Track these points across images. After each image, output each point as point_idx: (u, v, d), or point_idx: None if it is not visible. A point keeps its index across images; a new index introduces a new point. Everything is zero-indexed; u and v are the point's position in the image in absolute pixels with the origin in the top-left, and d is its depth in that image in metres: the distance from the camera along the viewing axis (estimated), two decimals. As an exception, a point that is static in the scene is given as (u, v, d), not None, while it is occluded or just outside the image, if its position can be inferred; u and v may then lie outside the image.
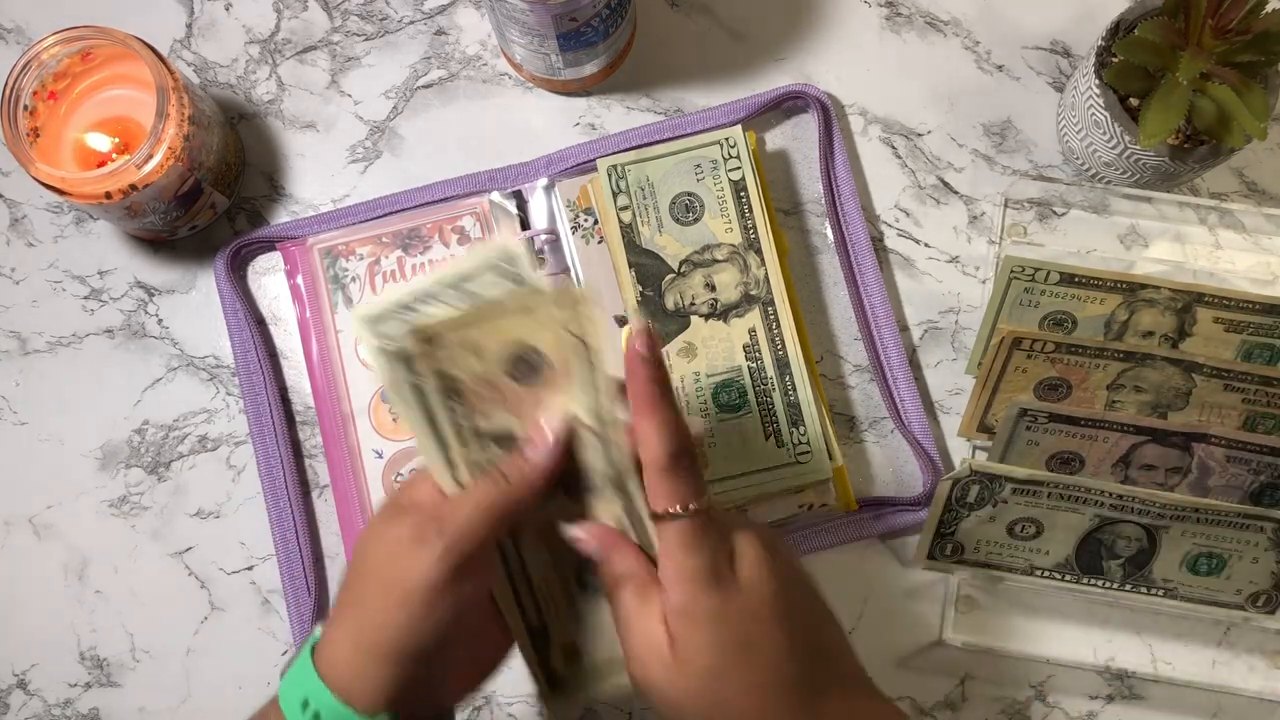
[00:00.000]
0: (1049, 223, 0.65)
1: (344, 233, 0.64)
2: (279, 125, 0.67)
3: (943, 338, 0.65)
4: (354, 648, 0.44)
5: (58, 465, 0.64)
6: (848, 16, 0.68)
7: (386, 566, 0.43)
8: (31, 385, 0.65)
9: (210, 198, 0.63)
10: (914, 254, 0.66)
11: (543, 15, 0.57)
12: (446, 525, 0.43)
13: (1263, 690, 0.61)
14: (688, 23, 0.68)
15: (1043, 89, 0.67)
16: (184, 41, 0.68)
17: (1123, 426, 0.58)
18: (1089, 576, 0.60)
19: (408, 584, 0.42)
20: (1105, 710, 0.62)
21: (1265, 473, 0.59)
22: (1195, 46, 0.56)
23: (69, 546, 0.63)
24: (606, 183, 0.60)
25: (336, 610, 0.45)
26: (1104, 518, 0.58)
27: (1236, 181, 0.66)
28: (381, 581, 0.43)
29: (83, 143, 0.61)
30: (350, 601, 0.45)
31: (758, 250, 0.59)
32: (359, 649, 0.43)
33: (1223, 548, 0.58)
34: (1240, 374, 0.59)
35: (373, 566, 0.44)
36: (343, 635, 0.44)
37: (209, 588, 0.63)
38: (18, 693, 0.62)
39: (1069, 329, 0.62)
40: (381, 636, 0.43)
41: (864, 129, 0.67)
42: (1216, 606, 0.60)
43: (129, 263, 0.66)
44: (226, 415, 0.64)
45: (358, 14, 0.68)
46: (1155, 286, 0.60)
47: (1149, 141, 0.56)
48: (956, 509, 0.59)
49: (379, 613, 0.43)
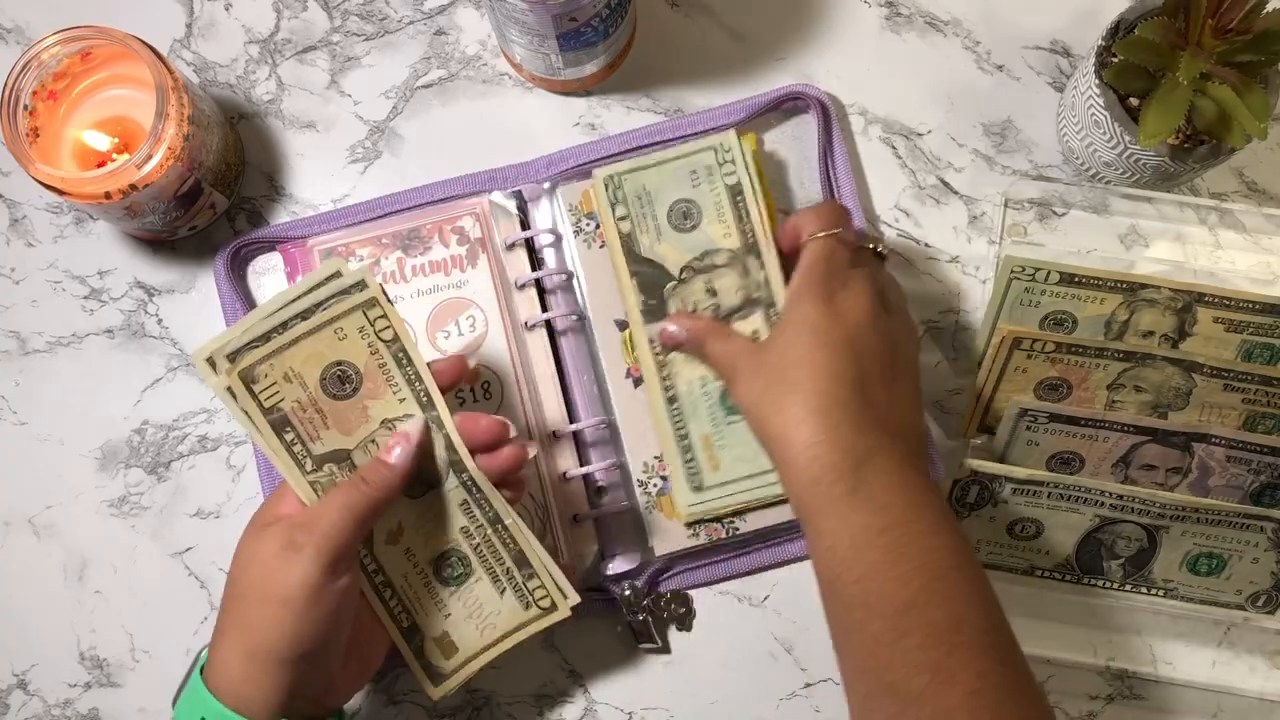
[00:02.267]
0: (1049, 223, 0.65)
1: (344, 234, 0.63)
2: (279, 125, 0.67)
3: (943, 338, 0.65)
4: (244, 659, 0.47)
5: (58, 465, 0.64)
6: (848, 16, 0.68)
7: (264, 578, 0.47)
8: (31, 385, 0.65)
9: (210, 198, 0.63)
10: (914, 254, 0.66)
11: (543, 15, 0.57)
12: (315, 529, 0.47)
13: (1263, 690, 0.61)
14: (688, 23, 0.68)
15: (1043, 89, 0.67)
16: (184, 41, 0.68)
17: (1123, 426, 0.58)
18: (1089, 576, 0.60)
19: (287, 589, 0.46)
20: (1105, 710, 0.62)
21: (1265, 473, 0.59)
22: (1195, 46, 0.56)
23: (69, 546, 0.63)
24: (604, 192, 0.60)
25: (220, 630, 0.48)
26: (1104, 518, 0.58)
27: (1236, 181, 0.66)
28: (261, 593, 0.47)
29: (82, 143, 0.60)
30: (234, 618, 0.48)
31: (757, 254, 0.59)
32: (249, 659, 0.46)
33: (1223, 548, 0.58)
34: (1240, 374, 0.59)
35: (251, 581, 0.47)
36: (231, 650, 0.47)
37: (209, 588, 0.63)
38: (18, 693, 0.62)
39: (1069, 329, 0.62)
40: (270, 644, 0.46)
41: (864, 129, 0.67)
42: (1216, 606, 0.60)
43: (129, 263, 0.66)
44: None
45: (358, 14, 0.68)
46: (1155, 286, 0.60)
47: (1149, 141, 0.56)
48: (956, 509, 0.59)
49: (264, 621, 0.46)
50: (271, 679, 0.46)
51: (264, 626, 0.46)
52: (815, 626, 0.62)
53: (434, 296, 0.63)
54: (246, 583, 0.48)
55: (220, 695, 0.46)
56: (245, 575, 0.48)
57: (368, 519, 0.49)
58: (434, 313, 0.63)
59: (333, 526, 0.47)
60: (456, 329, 0.63)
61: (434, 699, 0.54)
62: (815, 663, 0.62)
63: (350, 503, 0.48)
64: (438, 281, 0.63)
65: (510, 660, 0.62)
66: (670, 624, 0.62)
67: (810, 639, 0.62)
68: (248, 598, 0.47)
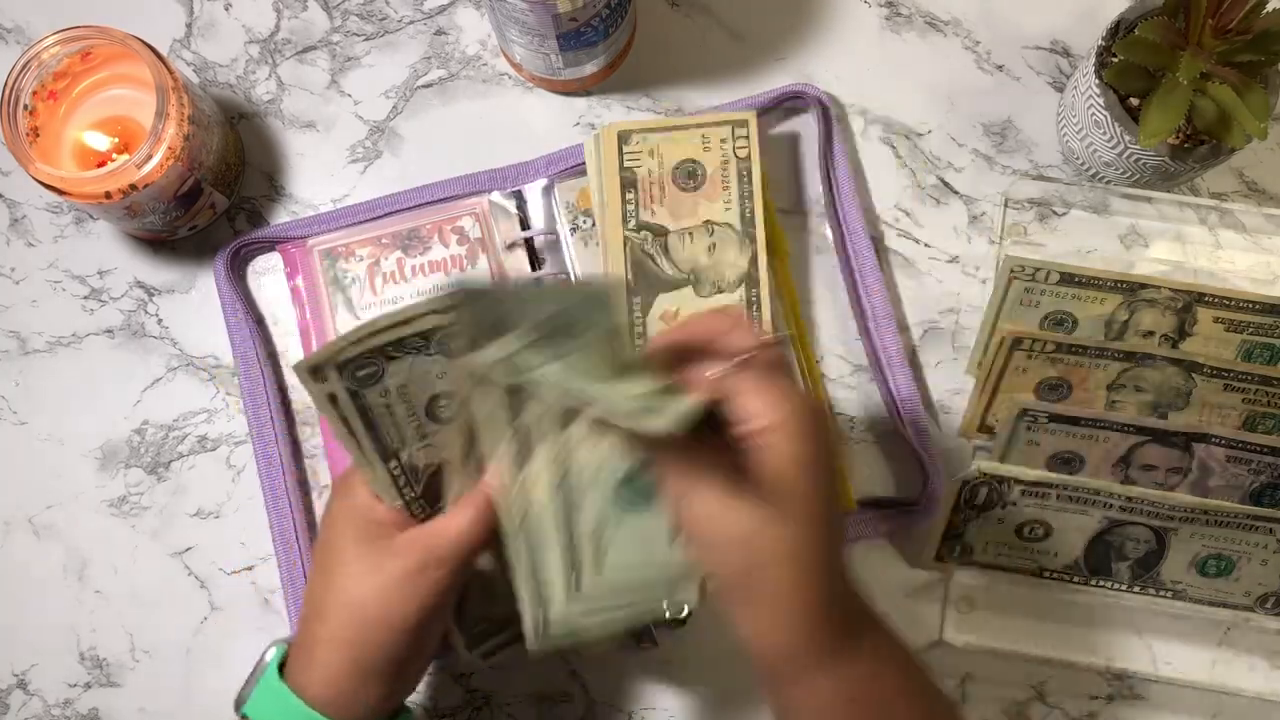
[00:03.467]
0: (1049, 223, 0.65)
1: (344, 234, 0.63)
2: (279, 125, 0.67)
3: (943, 338, 0.65)
4: (351, 674, 0.46)
5: (58, 465, 0.64)
6: (848, 16, 0.68)
7: (386, 600, 0.46)
8: (31, 385, 0.65)
9: (210, 198, 0.63)
10: (914, 254, 0.66)
11: (543, 15, 0.57)
12: (445, 562, 0.46)
13: (1263, 690, 0.61)
14: (688, 23, 0.68)
15: (1043, 89, 0.67)
16: (184, 41, 0.68)
17: (1123, 426, 0.58)
18: (1098, 578, 0.60)
19: (409, 622, 0.46)
20: (1105, 710, 0.62)
21: (1265, 473, 0.59)
22: (1195, 46, 0.56)
23: (69, 546, 0.63)
24: (614, 146, 0.60)
25: (317, 640, 0.47)
26: (1113, 520, 0.58)
27: (1236, 181, 0.66)
28: (379, 620, 0.46)
29: (82, 142, 0.60)
30: (342, 631, 0.47)
31: (752, 238, 0.59)
32: (358, 674, 0.46)
33: (1232, 549, 0.58)
34: (1240, 374, 0.59)
35: (366, 598, 0.46)
36: (337, 661, 0.46)
37: (209, 588, 0.63)
38: (18, 693, 0.62)
39: (1069, 329, 0.62)
40: (383, 662, 0.46)
41: (864, 129, 0.67)
42: (1225, 608, 0.59)
43: (129, 263, 0.66)
44: (226, 415, 0.64)
45: (358, 14, 0.68)
46: (1155, 286, 0.60)
47: (1149, 141, 0.56)
48: (965, 511, 0.59)
49: (379, 640, 0.46)
50: (376, 691, 0.47)
51: (384, 641, 0.46)
52: (815, 626, 0.62)
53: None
54: (354, 601, 0.46)
55: (317, 704, 0.46)
56: (351, 595, 0.46)
57: (488, 540, 0.47)
58: (434, 313, 0.63)
59: (460, 554, 0.46)
60: (456, 329, 0.63)
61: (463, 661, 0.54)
62: (815, 663, 0.62)
63: (479, 528, 0.46)
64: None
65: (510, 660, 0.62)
66: (670, 624, 0.62)
67: (810, 639, 0.62)
68: (366, 610, 0.46)
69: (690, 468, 0.43)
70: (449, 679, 0.62)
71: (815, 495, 0.43)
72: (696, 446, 0.43)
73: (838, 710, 0.44)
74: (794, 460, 0.43)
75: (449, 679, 0.62)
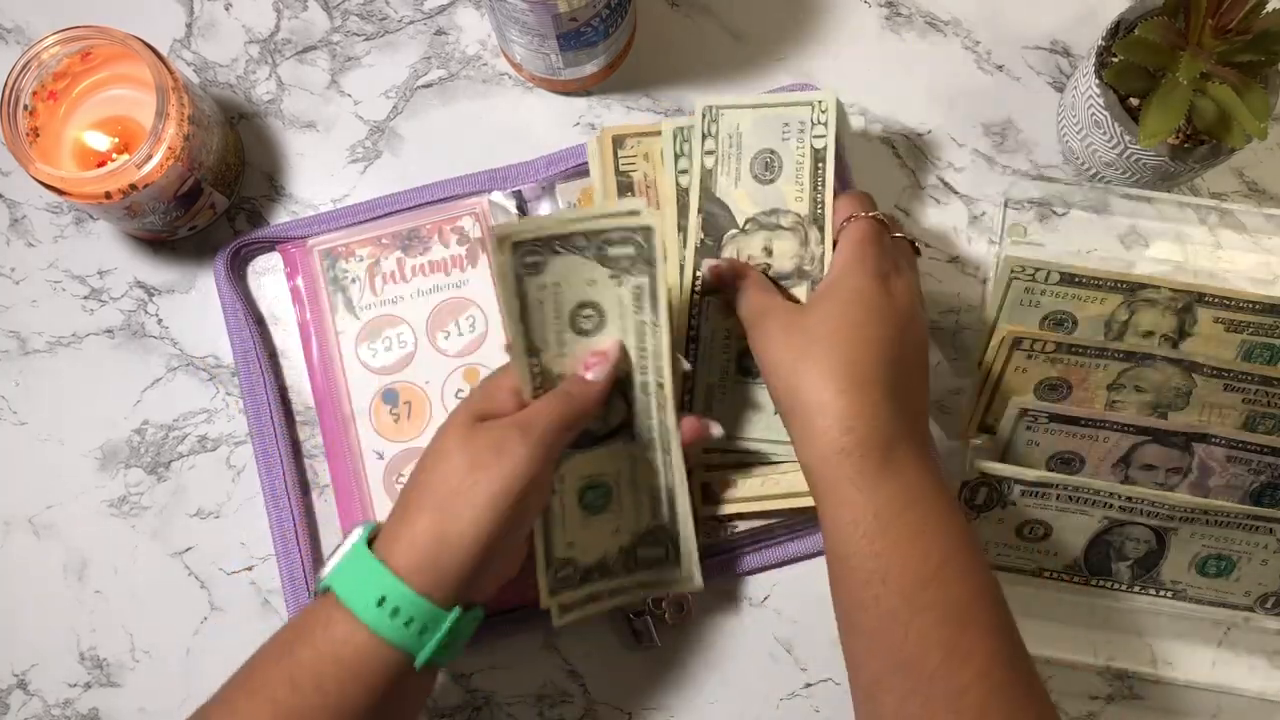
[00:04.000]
0: (1049, 223, 0.65)
1: (343, 234, 0.64)
2: (279, 125, 0.67)
3: (943, 338, 0.65)
4: (436, 542, 0.47)
5: (58, 465, 0.64)
6: (848, 16, 0.68)
7: (473, 468, 0.47)
8: (31, 385, 0.65)
9: (210, 198, 0.63)
10: (914, 254, 0.66)
11: (543, 15, 0.57)
12: (532, 429, 0.48)
13: (1263, 690, 0.61)
14: (688, 23, 0.68)
15: (1043, 89, 0.67)
16: (184, 41, 0.68)
17: (1123, 426, 0.58)
18: (1098, 578, 0.60)
19: (499, 482, 0.47)
20: (1105, 710, 0.62)
21: (1265, 473, 0.59)
22: (1195, 46, 0.56)
23: (69, 546, 0.63)
24: (699, 124, 0.59)
25: (407, 507, 0.48)
26: (1113, 520, 0.58)
27: (1237, 181, 0.66)
28: (466, 484, 0.47)
29: (82, 142, 0.60)
30: (430, 499, 0.48)
31: (821, 226, 0.57)
32: (442, 543, 0.47)
33: (1232, 549, 0.58)
34: (1240, 374, 0.59)
35: (455, 468, 0.48)
36: (423, 531, 0.47)
37: (209, 588, 0.63)
38: (18, 693, 0.62)
39: (1069, 329, 0.62)
40: (466, 532, 0.47)
41: (864, 129, 0.67)
42: (1225, 608, 0.59)
43: (129, 263, 0.66)
44: (226, 415, 0.64)
45: (358, 14, 0.68)
46: (1155, 286, 0.60)
47: (1149, 141, 0.56)
48: (965, 511, 0.59)
49: (466, 508, 0.47)
50: (459, 565, 0.47)
51: (465, 513, 0.47)
52: (815, 626, 0.62)
53: (434, 296, 0.63)
54: (449, 470, 0.48)
55: (401, 572, 0.46)
56: (449, 464, 0.48)
57: (575, 427, 0.50)
58: (434, 313, 0.63)
59: (549, 429, 0.48)
60: (456, 329, 0.63)
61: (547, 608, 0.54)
62: (815, 663, 0.62)
63: (562, 412, 0.50)
64: (438, 281, 0.63)
65: (510, 660, 0.62)
66: (670, 625, 0.62)
67: (810, 639, 0.62)
68: (449, 485, 0.47)
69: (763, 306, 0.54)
70: (449, 679, 0.62)
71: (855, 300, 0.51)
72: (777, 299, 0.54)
73: (859, 527, 0.47)
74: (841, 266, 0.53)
75: (449, 679, 0.62)
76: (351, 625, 0.46)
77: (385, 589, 0.46)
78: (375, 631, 0.46)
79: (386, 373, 0.63)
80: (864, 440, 0.48)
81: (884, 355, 0.50)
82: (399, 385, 0.62)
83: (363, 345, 0.63)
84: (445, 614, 0.46)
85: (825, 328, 0.51)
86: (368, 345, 0.63)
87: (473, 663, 0.62)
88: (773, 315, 0.53)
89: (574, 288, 0.51)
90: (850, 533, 0.47)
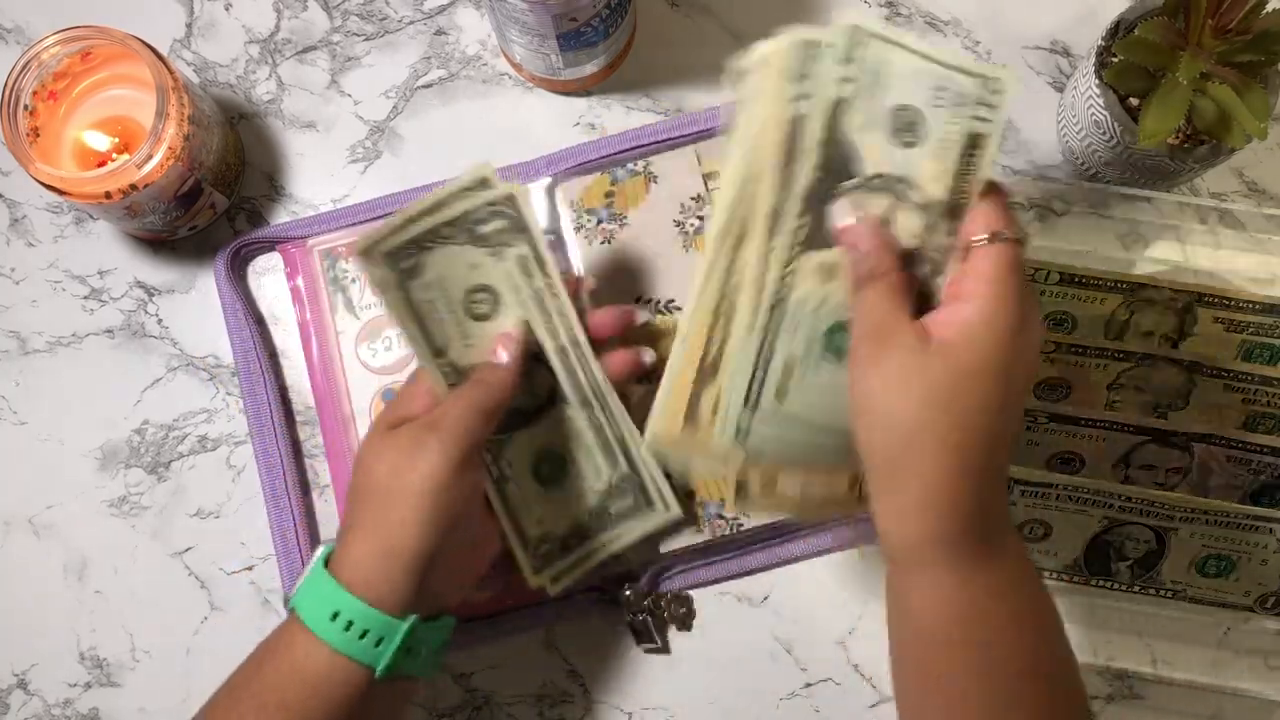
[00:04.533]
0: (1049, 223, 0.65)
1: (344, 234, 0.63)
2: (279, 125, 0.67)
3: (943, 338, 0.65)
4: (378, 557, 0.47)
5: (58, 465, 0.64)
6: (848, 16, 0.68)
7: (394, 476, 0.47)
8: (31, 385, 0.65)
9: (210, 198, 0.63)
10: (914, 254, 0.66)
11: (543, 15, 0.57)
12: (442, 426, 0.48)
13: (1263, 690, 0.61)
14: (688, 23, 0.68)
15: (1042, 89, 0.67)
16: (184, 41, 0.68)
17: (1123, 426, 0.58)
18: (1097, 578, 0.60)
19: (419, 484, 0.47)
20: (1105, 710, 0.62)
21: (1265, 473, 0.59)
22: (1195, 46, 0.56)
23: (69, 546, 0.63)
24: (841, 43, 0.47)
25: (350, 528, 0.49)
26: (1113, 519, 0.58)
27: (1236, 181, 0.66)
28: (391, 490, 0.47)
29: (82, 142, 0.60)
30: (364, 516, 0.48)
31: (953, 220, 0.46)
32: (384, 556, 0.47)
33: (1232, 549, 0.58)
34: (1240, 374, 0.59)
35: (379, 479, 0.48)
36: (363, 548, 0.47)
37: (209, 588, 0.63)
38: (18, 693, 0.62)
39: (1069, 329, 0.62)
40: (403, 541, 0.47)
41: (864, 129, 0.67)
42: (1225, 608, 0.59)
43: (129, 263, 0.66)
44: (226, 415, 0.64)
45: (358, 14, 0.68)
46: (1155, 286, 0.60)
47: (1149, 141, 0.56)
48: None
49: (396, 518, 0.47)
50: (404, 575, 0.47)
51: (396, 523, 0.47)
52: (815, 626, 0.62)
53: (434, 296, 0.63)
54: (374, 482, 0.48)
55: (355, 590, 0.46)
56: (372, 475, 0.48)
57: (491, 416, 0.50)
58: (434, 313, 0.63)
59: (459, 423, 0.48)
60: (456, 329, 0.63)
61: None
62: (815, 663, 0.62)
63: (474, 401, 0.50)
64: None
65: (510, 660, 0.62)
66: (670, 624, 0.62)
67: (810, 639, 0.62)
68: (377, 496, 0.48)
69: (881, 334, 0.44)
70: (449, 679, 0.62)
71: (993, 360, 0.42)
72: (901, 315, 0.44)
73: (955, 611, 0.43)
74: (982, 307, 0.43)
75: (449, 679, 0.62)
76: (312, 643, 0.46)
77: (338, 604, 0.46)
78: (333, 647, 0.46)
79: (386, 373, 0.63)
80: (968, 531, 0.42)
81: (1005, 430, 0.43)
82: (399, 385, 0.62)
83: (363, 345, 0.63)
84: (400, 623, 0.46)
85: (953, 392, 0.42)
86: (368, 345, 0.63)
87: (473, 663, 0.62)
88: (895, 346, 0.43)
89: (458, 277, 0.52)
90: (939, 614, 0.43)
